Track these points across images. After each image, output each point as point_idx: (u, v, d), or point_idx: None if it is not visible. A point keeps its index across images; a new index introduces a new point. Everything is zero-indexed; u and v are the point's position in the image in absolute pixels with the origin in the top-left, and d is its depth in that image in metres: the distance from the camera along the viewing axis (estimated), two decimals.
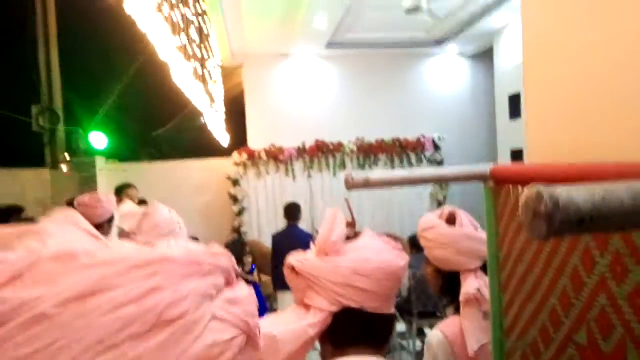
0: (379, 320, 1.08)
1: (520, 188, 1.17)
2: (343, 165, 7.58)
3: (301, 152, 7.51)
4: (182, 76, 2.91)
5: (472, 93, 8.10)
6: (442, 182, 1.24)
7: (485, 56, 7.75)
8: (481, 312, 1.56)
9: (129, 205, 1.99)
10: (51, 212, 0.61)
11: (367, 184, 1.29)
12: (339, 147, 7.53)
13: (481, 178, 1.29)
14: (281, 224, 7.24)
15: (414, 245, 4.67)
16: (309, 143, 7.51)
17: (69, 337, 0.43)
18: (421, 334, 4.93)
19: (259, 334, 0.60)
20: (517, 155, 5.98)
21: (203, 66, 4.44)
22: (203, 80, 4.11)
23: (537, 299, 1.12)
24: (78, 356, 0.43)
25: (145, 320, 0.46)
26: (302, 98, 7.77)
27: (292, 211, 4.99)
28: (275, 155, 7.46)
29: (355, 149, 7.55)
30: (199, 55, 3.78)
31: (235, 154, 7.45)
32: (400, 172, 1.28)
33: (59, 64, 7.96)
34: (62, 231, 0.53)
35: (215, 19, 5.50)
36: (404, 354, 4.78)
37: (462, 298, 1.60)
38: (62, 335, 0.43)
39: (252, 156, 7.42)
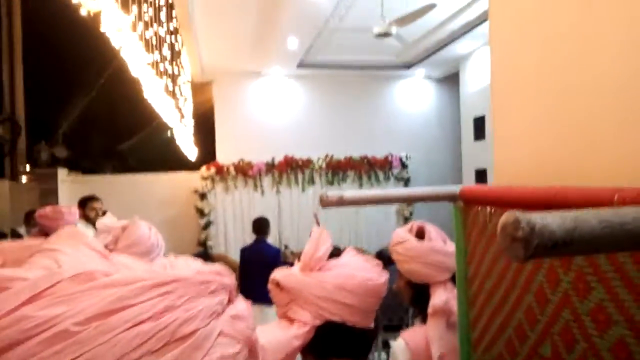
0: (360, 334, 1.12)
1: (488, 208, 1.23)
2: (312, 181, 7.63)
3: (270, 167, 7.52)
4: (153, 92, 2.90)
5: (438, 114, 8.33)
6: (413, 201, 1.29)
7: (451, 80, 8.00)
8: (445, 322, 1.62)
9: (108, 219, 1.93)
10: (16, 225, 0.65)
11: (341, 202, 1.33)
12: (308, 163, 7.59)
13: (451, 198, 1.36)
14: (248, 238, 7.20)
15: (380, 259, 4.73)
16: (278, 159, 7.54)
17: (92, 352, 0.46)
18: (386, 347, 4.98)
19: (258, 346, 0.63)
20: (481, 174, 6.17)
21: (174, 82, 4.44)
22: (173, 95, 4.10)
23: (503, 313, 1.18)
24: None
25: (160, 337, 0.49)
26: (272, 114, 7.82)
27: (261, 225, 4.99)
28: (244, 170, 7.45)
29: (324, 165, 7.62)
30: (170, 72, 3.78)
31: (203, 168, 7.41)
32: (373, 192, 1.33)
33: (22, 74, 7.77)
34: (74, 250, 0.56)
35: (186, 36, 5.51)
36: None
37: (430, 309, 1.65)
38: (85, 350, 0.45)
39: (221, 170, 7.39)
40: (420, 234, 1.83)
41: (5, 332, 0.44)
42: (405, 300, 1.84)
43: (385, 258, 4.77)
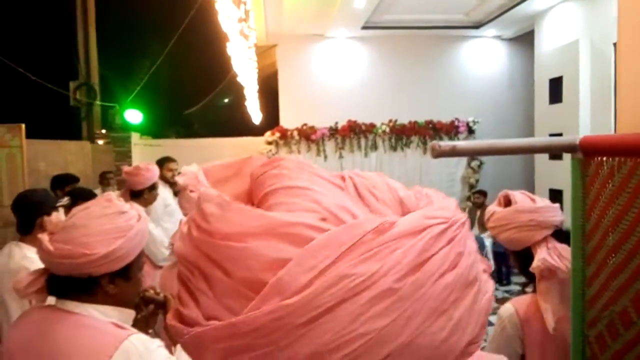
0: None
1: (616, 158, 1.16)
2: (374, 147, 7.57)
3: (333, 132, 7.51)
4: (235, 49, 2.93)
5: (509, 76, 7.96)
6: (529, 152, 1.22)
7: (524, 39, 7.59)
8: (555, 284, 1.56)
9: (194, 167, 1.99)
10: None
11: (454, 152, 1.30)
12: (371, 128, 7.51)
13: (568, 149, 1.29)
14: None
15: None
16: (342, 123, 7.50)
17: (412, 307, 0.46)
18: None
19: None
20: None
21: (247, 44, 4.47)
22: (247, 56, 4.13)
23: (631, 268, 1.12)
24: (420, 325, 0.47)
25: (460, 285, 0.50)
26: (335, 79, 7.74)
27: None
28: (307, 135, 7.47)
29: (387, 130, 7.52)
30: (246, 32, 3.80)
31: (268, 133, 7.49)
32: (485, 141, 1.27)
33: (96, 41, 8.07)
34: (321, 187, 0.55)
35: None
36: None
37: (535, 272, 1.60)
38: (406, 307, 0.46)
39: (285, 135, 7.45)
40: (508, 203, 1.79)
41: (331, 292, 0.44)
42: (521, 273, 1.79)
43: None
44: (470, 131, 7.63)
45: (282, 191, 0.56)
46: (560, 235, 1.66)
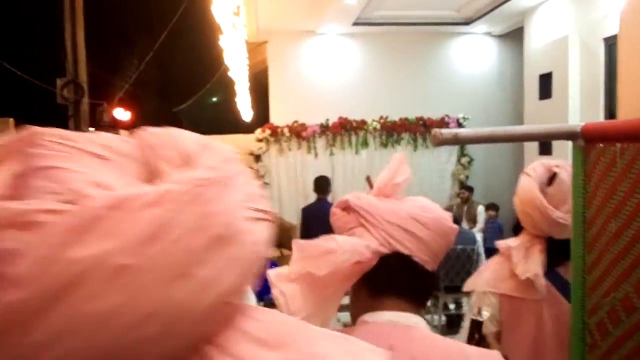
0: (425, 274, 1.02)
1: (617, 145, 1.16)
2: (366, 143, 7.56)
3: (324, 129, 7.48)
4: (228, 42, 2.90)
5: (499, 73, 7.99)
6: (530, 139, 1.23)
7: (514, 36, 7.62)
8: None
9: None
10: None
11: (456, 140, 1.29)
12: (362, 125, 7.49)
13: (570, 136, 1.29)
14: (302, 200, 7.28)
15: None
16: (332, 120, 7.48)
17: (145, 277, 0.44)
18: (446, 309, 4.97)
19: None
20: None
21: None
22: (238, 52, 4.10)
23: (634, 254, 1.12)
24: (161, 289, 0.45)
25: (206, 246, 0.47)
26: (326, 75, 7.72)
27: (322, 184, 5.01)
28: (297, 132, 7.44)
29: (378, 127, 7.51)
30: (237, 26, 3.76)
31: (258, 130, 7.45)
32: (487, 129, 1.27)
33: (84, 38, 7.96)
34: (79, 164, 0.50)
35: None
36: (430, 328, 4.83)
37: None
38: (142, 279, 0.44)
39: (275, 132, 7.41)
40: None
41: (58, 277, 0.42)
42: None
43: None
44: (461, 127, 7.65)
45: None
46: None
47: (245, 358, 0.52)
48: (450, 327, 4.72)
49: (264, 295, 6.31)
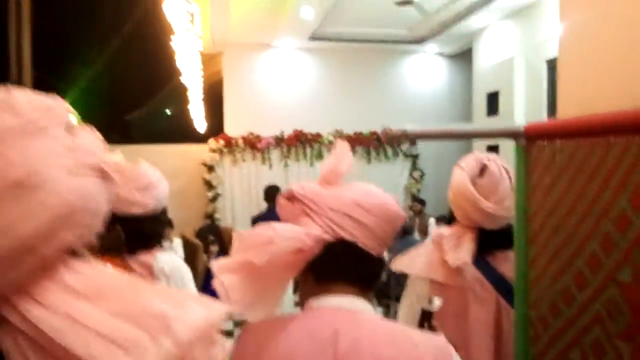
0: (371, 260, 1.02)
1: (557, 141, 1.21)
2: (320, 156, 7.60)
3: (279, 141, 7.48)
4: (181, 47, 2.86)
5: (450, 91, 8.28)
6: (476, 137, 1.27)
7: (463, 56, 7.93)
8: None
9: (117, 156, 1.92)
10: None
11: (405, 136, 1.31)
12: (317, 137, 7.55)
13: (513, 135, 1.33)
14: (256, 210, 7.20)
15: None
16: (287, 132, 7.49)
17: None
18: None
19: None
20: (493, 150, 6.14)
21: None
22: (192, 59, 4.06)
23: (573, 246, 1.16)
24: None
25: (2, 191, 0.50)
26: (281, 88, 7.75)
27: (272, 193, 4.98)
28: (252, 143, 7.41)
29: (333, 140, 7.58)
30: (191, 31, 3.72)
31: (212, 140, 7.36)
32: (436, 127, 1.30)
33: (29, 38, 7.65)
34: None
35: (201, 2, 5.41)
36: None
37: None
38: None
39: (229, 143, 7.35)
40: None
41: None
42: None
43: (402, 228, 4.78)
44: (413, 142, 7.84)
45: None
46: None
47: (59, 308, 0.52)
48: None
49: (205, 289, 6.18)
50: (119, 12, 7.02)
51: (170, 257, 1.90)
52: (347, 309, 0.97)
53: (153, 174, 1.91)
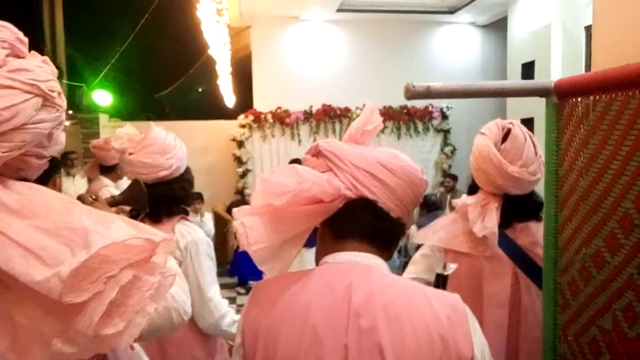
0: (391, 221, 1.02)
1: (590, 97, 1.14)
2: None
3: (308, 115, 7.44)
4: (209, 28, 2.83)
5: (483, 62, 8.02)
6: (504, 95, 1.22)
7: (497, 26, 7.64)
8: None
9: (128, 129, 1.99)
10: None
11: (428, 94, 1.26)
12: (346, 112, 7.46)
13: (544, 92, 1.26)
14: None
15: (423, 205, 4.67)
16: (316, 107, 7.43)
17: None
18: None
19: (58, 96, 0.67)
20: (527, 123, 5.93)
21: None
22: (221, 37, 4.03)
23: (605, 206, 1.10)
24: None
25: None
26: (310, 62, 7.67)
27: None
28: (281, 118, 7.38)
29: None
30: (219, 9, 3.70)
31: (241, 116, 7.38)
32: (460, 84, 1.24)
33: (62, 19, 7.79)
34: None
35: None
36: None
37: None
38: None
39: (258, 118, 7.34)
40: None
41: None
42: None
43: (429, 203, 4.71)
44: (444, 117, 7.67)
45: None
46: None
47: None
48: None
49: (236, 265, 6.25)
50: None
51: (187, 230, 1.89)
52: (361, 264, 0.98)
53: (167, 136, 1.93)
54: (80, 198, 1.20)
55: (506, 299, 1.54)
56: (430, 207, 4.54)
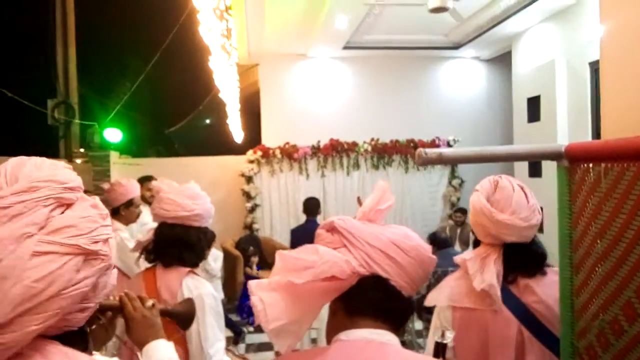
0: (402, 299, 1.04)
1: (602, 164, 1.16)
2: (357, 165, 7.57)
3: (315, 150, 7.50)
4: (217, 63, 2.91)
5: (488, 96, 8.10)
6: (514, 160, 1.25)
7: (501, 60, 7.74)
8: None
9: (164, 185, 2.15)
10: None
11: (440, 160, 1.28)
12: (354, 146, 7.52)
13: (554, 156, 1.28)
14: (293, 221, 7.23)
15: (433, 242, 4.64)
16: (324, 142, 7.50)
17: None
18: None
19: (104, 243, 0.62)
20: (534, 165, 5.94)
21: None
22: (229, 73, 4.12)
23: (620, 275, 1.11)
24: None
25: None
26: (317, 98, 7.78)
27: (311, 205, 4.98)
28: (289, 153, 7.45)
29: (369, 148, 7.54)
30: (227, 48, 3.79)
31: (250, 152, 7.45)
32: (472, 149, 1.27)
33: (76, 59, 7.98)
34: None
35: (237, 15, 5.50)
36: (421, 352, 4.75)
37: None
38: None
39: (267, 154, 7.41)
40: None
41: None
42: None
43: (439, 240, 4.69)
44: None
45: None
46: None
47: None
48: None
49: (244, 302, 6.20)
50: (159, 30, 7.22)
51: (195, 284, 1.95)
52: (376, 341, 0.99)
53: (197, 187, 2.14)
54: (141, 299, 1.27)
55: (512, 354, 1.54)
56: (441, 245, 4.51)
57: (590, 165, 1.20)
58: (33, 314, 0.53)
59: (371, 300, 1.02)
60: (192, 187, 2.12)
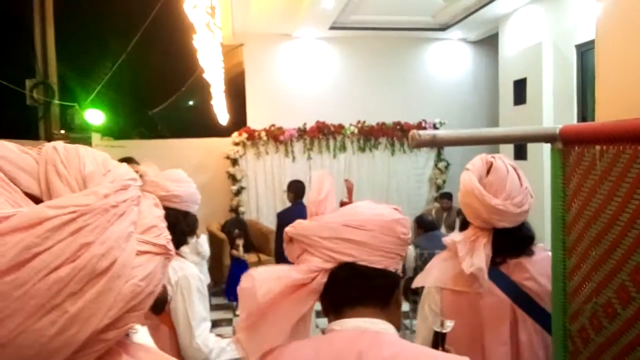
0: (378, 275, 1.02)
1: (597, 147, 1.14)
2: (343, 147, 7.54)
3: (301, 132, 7.44)
4: (202, 44, 2.84)
5: (474, 78, 8.09)
6: (508, 141, 1.23)
7: (488, 42, 7.72)
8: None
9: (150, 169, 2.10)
10: None
11: (434, 142, 1.26)
12: (340, 129, 7.48)
13: (548, 139, 1.27)
14: (280, 204, 7.20)
15: (420, 225, 4.66)
16: (310, 124, 7.44)
17: (11, 307, 0.45)
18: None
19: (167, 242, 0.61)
20: (520, 146, 5.96)
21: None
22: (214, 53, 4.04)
23: (614, 258, 1.10)
24: (23, 322, 0.46)
25: (80, 278, 0.48)
26: (303, 79, 7.69)
27: (297, 188, 4.95)
28: (275, 136, 7.38)
29: (356, 131, 7.51)
30: (212, 27, 3.70)
31: (235, 134, 7.36)
32: (466, 131, 1.24)
33: (54, 38, 7.75)
34: None
35: None
36: (407, 333, 4.80)
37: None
38: (4, 306, 0.45)
39: (252, 136, 7.34)
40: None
41: None
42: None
43: (426, 223, 4.70)
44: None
45: None
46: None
47: None
48: None
49: (231, 284, 6.20)
50: (141, 7, 7.04)
51: (180, 265, 1.95)
52: (370, 331, 0.98)
53: (184, 174, 2.13)
54: None
55: (507, 336, 1.54)
56: (428, 227, 4.53)
57: (585, 148, 1.19)
58: (134, 312, 0.53)
59: (348, 289, 1.01)
60: (177, 172, 2.12)
